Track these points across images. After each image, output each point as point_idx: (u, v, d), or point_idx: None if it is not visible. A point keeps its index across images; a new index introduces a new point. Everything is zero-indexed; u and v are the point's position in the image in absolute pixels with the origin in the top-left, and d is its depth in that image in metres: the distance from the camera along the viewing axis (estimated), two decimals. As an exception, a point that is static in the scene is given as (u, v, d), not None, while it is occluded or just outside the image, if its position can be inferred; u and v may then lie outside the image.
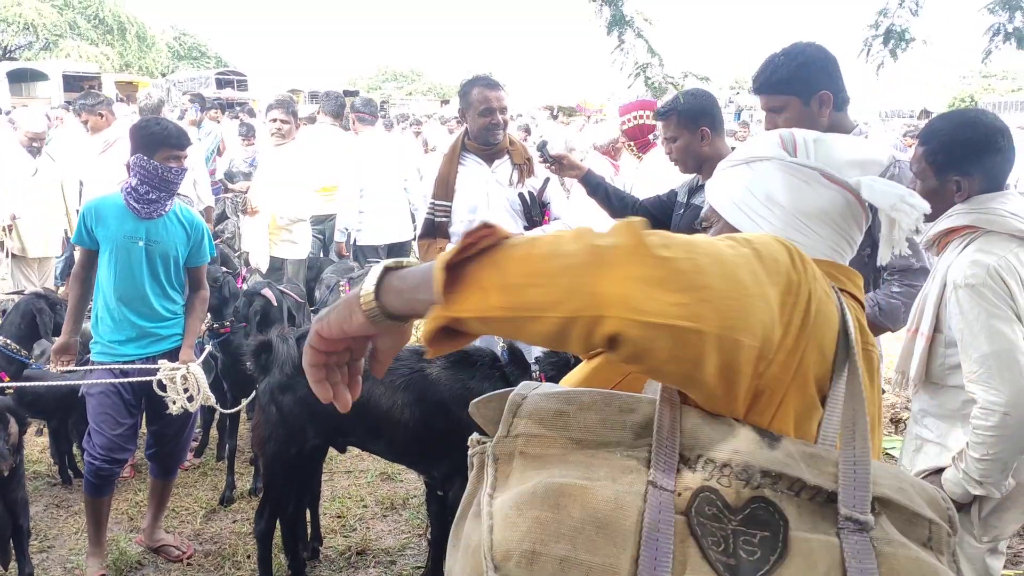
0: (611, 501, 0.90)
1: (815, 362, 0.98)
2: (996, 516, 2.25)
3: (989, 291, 2.10)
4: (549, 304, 0.83)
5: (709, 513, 0.91)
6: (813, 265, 1.00)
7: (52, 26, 32.84)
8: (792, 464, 0.93)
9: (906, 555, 0.92)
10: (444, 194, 3.91)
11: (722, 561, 0.89)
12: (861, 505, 0.92)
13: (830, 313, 1.00)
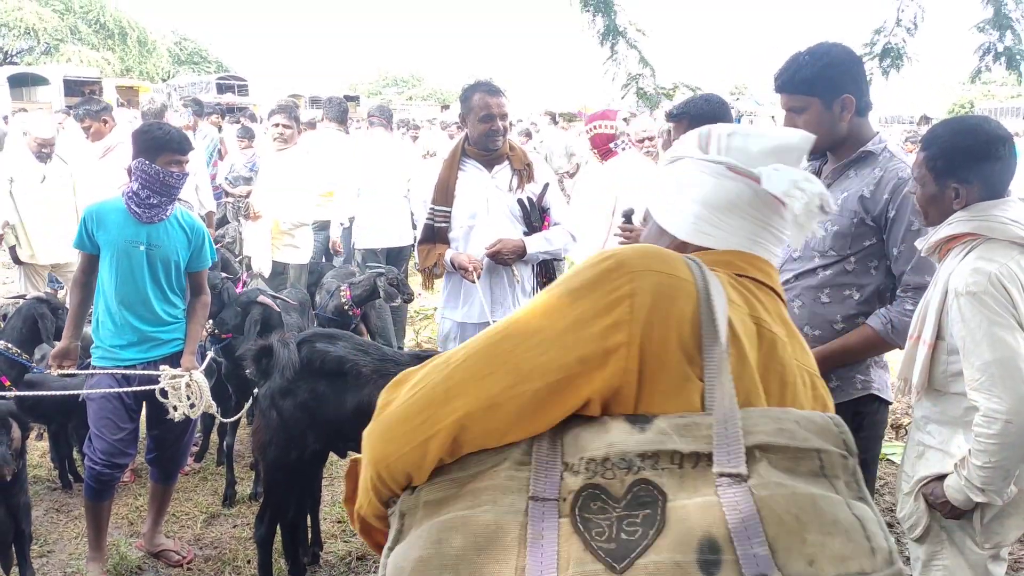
0: (491, 524, 0.99)
1: (675, 341, 1.07)
2: (998, 522, 2.25)
3: (991, 299, 2.10)
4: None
5: (595, 508, 0.99)
6: (641, 267, 1.10)
7: (53, 31, 32.90)
8: (666, 439, 1.02)
9: (782, 493, 0.97)
10: (444, 199, 3.91)
11: (604, 548, 0.96)
12: (734, 459, 1.00)
13: (676, 298, 1.09)
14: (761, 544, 0.94)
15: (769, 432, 1.03)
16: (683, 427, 1.03)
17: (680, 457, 1.01)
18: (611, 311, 1.06)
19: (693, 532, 0.95)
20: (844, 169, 2.60)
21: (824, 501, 0.98)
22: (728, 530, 0.95)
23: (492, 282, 3.85)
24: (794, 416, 1.07)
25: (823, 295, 2.59)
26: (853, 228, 2.51)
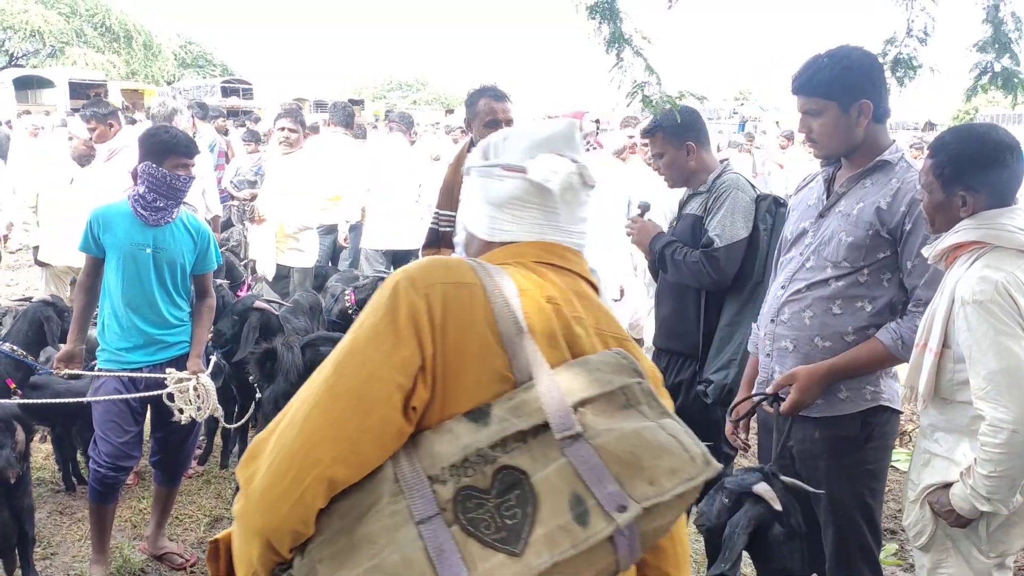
0: (400, 562, 1.07)
1: (475, 340, 1.20)
2: (1003, 531, 2.24)
3: (997, 307, 2.09)
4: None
5: (473, 506, 1.10)
6: (425, 283, 1.22)
7: (59, 33, 32.99)
8: (506, 423, 1.15)
9: (613, 436, 1.14)
10: (448, 204, 3.90)
11: (496, 537, 1.08)
12: (567, 422, 1.15)
13: (466, 303, 1.22)
14: (612, 483, 1.11)
15: (583, 387, 1.19)
16: (515, 408, 1.17)
17: (523, 434, 1.14)
18: (410, 334, 1.18)
19: (561, 495, 1.10)
20: (860, 178, 2.56)
21: (645, 431, 1.16)
22: (584, 482, 1.11)
23: None
24: (594, 364, 1.23)
25: (835, 306, 2.57)
26: (868, 240, 2.48)
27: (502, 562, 1.07)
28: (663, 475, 1.13)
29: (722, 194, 3.16)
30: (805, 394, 2.53)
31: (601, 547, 1.10)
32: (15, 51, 34.76)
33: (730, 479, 2.58)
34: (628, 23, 2.67)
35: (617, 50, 2.68)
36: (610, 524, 1.09)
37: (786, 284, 2.70)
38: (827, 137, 2.56)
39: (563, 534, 1.08)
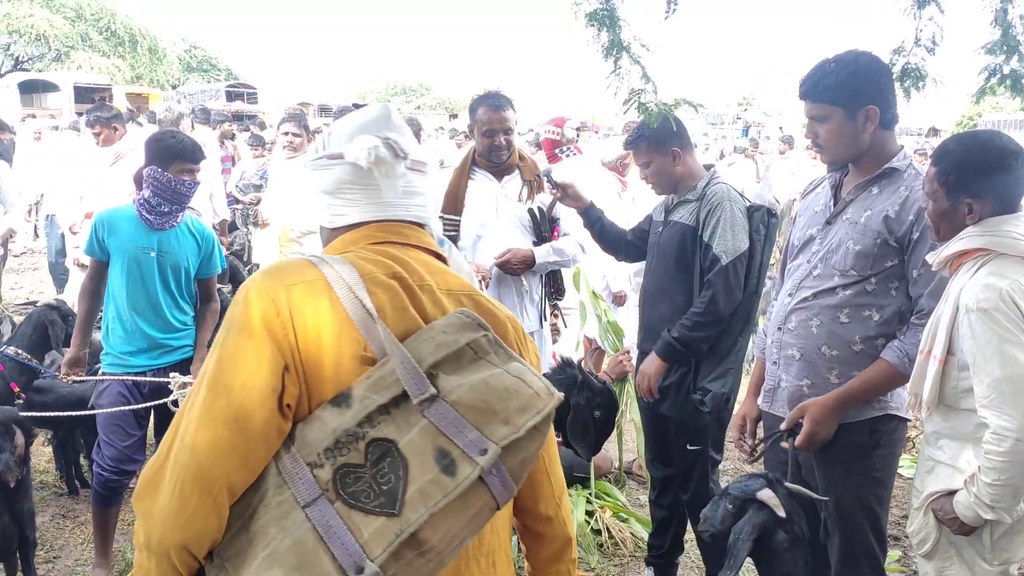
0: (293, 545, 1.19)
1: (329, 330, 1.31)
2: (1007, 539, 2.23)
3: (1001, 315, 2.09)
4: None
5: (351, 481, 1.22)
6: (270, 288, 1.32)
7: (64, 37, 33.04)
8: (367, 401, 1.26)
9: (464, 389, 1.27)
10: (453, 208, 3.92)
11: (376, 504, 1.20)
12: (423, 388, 1.27)
13: (312, 297, 1.32)
14: (471, 431, 1.24)
15: (432, 351, 1.31)
16: (374, 385, 1.28)
17: (385, 407, 1.26)
18: (267, 341, 1.28)
19: (426, 452, 1.23)
20: (868, 185, 2.56)
21: (492, 378, 1.29)
22: (446, 436, 1.24)
23: (501, 292, 3.86)
24: (439, 328, 1.35)
25: (842, 315, 2.56)
26: (876, 248, 2.47)
27: (384, 524, 1.19)
28: (515, 414, 1.27)
29: (715, 206, 3.14)
30: (819, 426, 2.52)
31: (474, 490, 1.23)
32: (20, 55, 34.85)
33: (734, 485, 2.57)
34: (627, 30, 2.67)
35: (615, 57, 2.68)
36: (475, 468, 1.22)
37: (793, 292, 2.69)
38: (833, 143, 2.56)
39: (434, 487, 1.21)
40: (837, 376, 2.59)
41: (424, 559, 1.22)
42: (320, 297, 1.32)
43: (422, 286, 1.43)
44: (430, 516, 1.20)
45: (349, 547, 1.18)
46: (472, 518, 1.26)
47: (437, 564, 1.26)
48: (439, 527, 1.22)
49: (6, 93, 24.36)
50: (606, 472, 4.77)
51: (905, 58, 3.07)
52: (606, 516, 4.27)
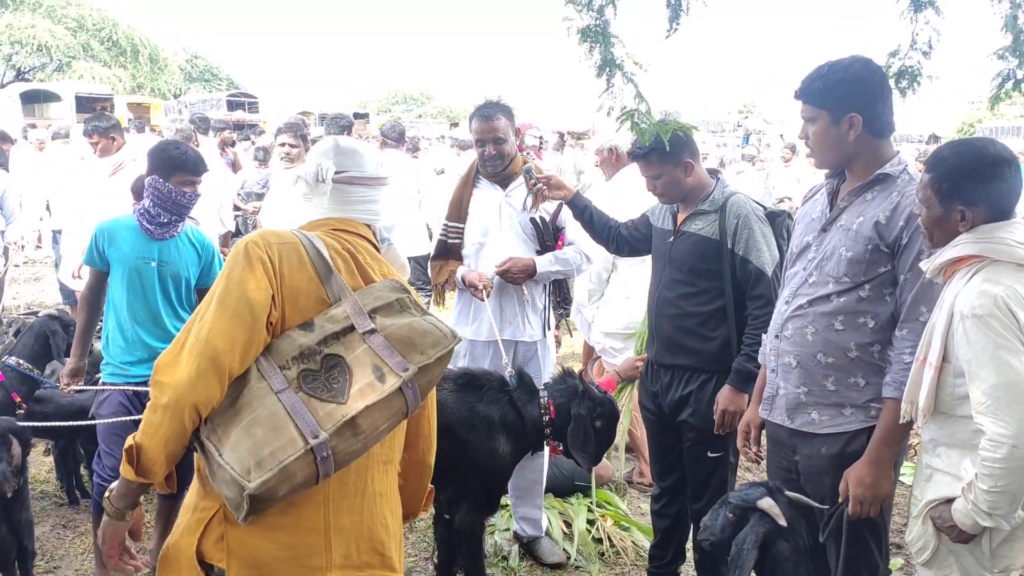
0: (270, 414, 1.74)
1: (303, 277, 1.89)
2: (1007, 546, 2.23)
3: (996, 322, 2.09)
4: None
5: (310, 380, 1.80)
6: (264, 243, 1.88)
7: (66, 48, 33.14)
8: (324, 328, 1.85)
9: (395, 327, 1.88)
10: (457, 216, 3.92)
11: (328, 395, 1.78)
12: (365, 323, 1.86)
13: (292, 253, 1.90)
14: (397, 355, 1.84)
15: (372, 301, 1.91)
16: (331, 319, 1.87)
17: (337, 334, 1.85)
18: (263, 274, 1.83)
19: (366, 366, 1.82)
20: (862, 191, 2.56)
21: (415, 323, 1.90)
22: (380, 357, 1.83)
23: (502, 300, 3.86)
24: (377, 287, 1.96)
25: (837, 322, 2.56)
26: (868, 255, 2.48)
27: (334, 409, 1.76)
28: (428, 347, 1.88)
29: (743, 219, 3.17)
30: (863, 487, 2.46)
31: (396, 396, 1.81)
32: (22, 65, 34.94)
33: (734, 494, 2.57)
34: (620, 48, 2.67)
35: (608, 75, 2.68)
36: (399, 379, 1.81)
37: (790, 299, 2.69)
38: (818, 146, 2.60)
39: (370, 388, 1.79)
40: (833, 383, 2.59)
41: (356, 439, 1.78)
42: (299, 254, 1.90)
43: (365, 261, 2.02)
44: (365, 408, 1.76)
45: (309, 421, 1.73)
46: (390, 416, 1.83)
47: (363, 446, 1.81)
48: (369, 418, 1.78)
49: (8, 103, 24.42)
50: (607, 481, 4.76)
51: (901, 61, 3.08)
52: (607, 525, 4.27)
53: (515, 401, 3.36)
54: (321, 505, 1.87)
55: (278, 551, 1.84)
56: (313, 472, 1.73)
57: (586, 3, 2.67)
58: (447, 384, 3.33)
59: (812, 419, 2.64)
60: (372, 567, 1.97)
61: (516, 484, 3.99)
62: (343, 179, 2.08)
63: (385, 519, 2.02)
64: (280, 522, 1.83)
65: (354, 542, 1.93)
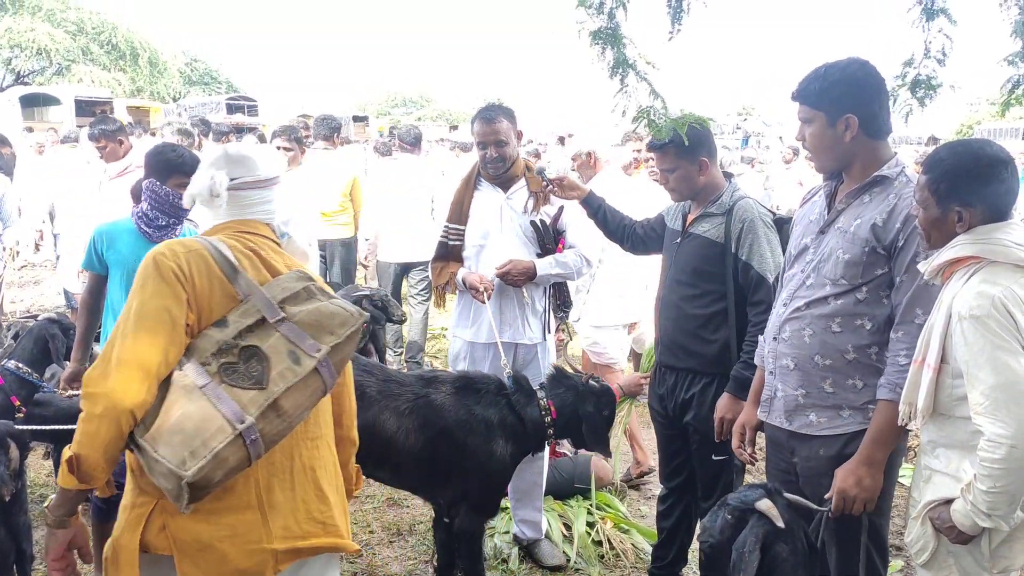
0: (196, 408, 1.88)
1: (214, 279, 2.04)
2: (1006, 547, 2.23)
3: (994, 322, 2.09)
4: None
5: (231, 371, 1.94)
6: (171, 253, 2.03)
7: (65, 51, 33.14)
8: (238, 323, 2.00)
9: (303, 313, 2.04)
10: (458, 218, 3.92)
11: (249, 383, 1.92)
12: (276, 314, 2.02)
13: (199, 258, 2.04)
14: (309, 339, 2.00)
15: (280, 292, 2.06)
16: (243, 313, 2.02)
17: (251, 327, 1.99)
18: (175, 282, 1.98)
19: (281, 352, 1.97)
20: (859, 193, 2.57)
21: (322, 307, 2.07)
22: (293, 342, 1.98)
23: (502, 303, 3.86)
24: (284, 279, 2.11)
25: (834, 324, 2.56)
26: (864, 257, 2.48)
27: (256, 395, 1.91)
28: (337, 327, 2.04)
29: (748, 224, 3.17)
30: (847, 485, 2.47)
31: (312, 375, 1.97)
32: (22, 69, 34.95)
33: (733, 496, 2.57)
34: (631, 48, 2.67)
35: (621, 75, 2.68)
36: (313, 360, 1.97)
37: (788, 301, 2.70)
38: (815, 148, 2.61)
39: (288, 371, 1.95)
40: (831, 385, 2.59)
41: (280, 420, 1.93)
42: (203, 258, 2.04)
43: (270, 257, 2.17)
44: (286, 389, 1.92)
45: (234, 409, 1.88)
46: (310, 395, 1.99)
47: (288, 426, 1.97)
48: (291, 398, 1.94)
49: (7, 107, 24.42)
50: (607, 483, 4.76)
51: (916, 70, 3.06)
52: (607, 527, 4.27)
53: (514, 404, 3.36)
54: (252, 486, 2.02)
55: (220, 531, 1.99)
56: (245, 455, 1.88)
57: (597, 6, 2.68)
58: (445, 387, 3.33)
59: (810, 421, 2.64)
60: (315, 535, 2.14)
61: (516, 487, 3.99)
62: (236, 185, 2.21)
63: (321, 490, 2.17)
64: (217, 506, 1.98)
65: (291, 515, 2.09)
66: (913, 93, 3.05)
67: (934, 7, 3.03)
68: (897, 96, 3.01)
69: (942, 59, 3.08)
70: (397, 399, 3.25)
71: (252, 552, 2.02)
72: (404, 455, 3.23)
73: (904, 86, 3.01)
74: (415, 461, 3.25)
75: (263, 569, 2.04)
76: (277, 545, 2.05)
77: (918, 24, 3.10)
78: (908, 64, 3.09)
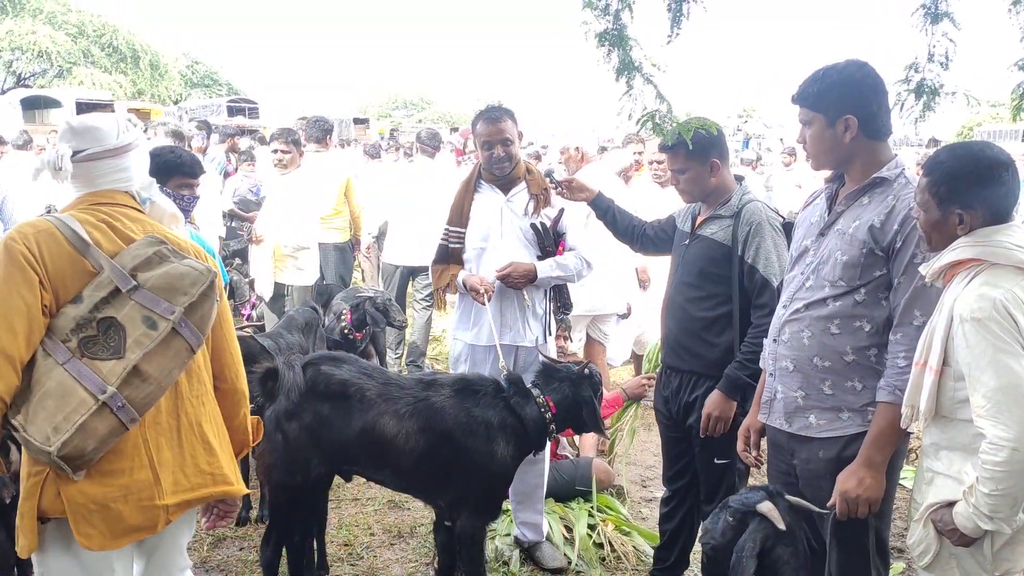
0: (57, 385, 1.99)
1: (64, 257, 2.09)
2: (1008, 549, 2.22)
3: (996, 325, 2.09)
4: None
5: (91, 344, 2.04)
6: (20, 236, 2.07)
7: (66, 54, 33.18)
8: (92, 296, 2.07)
9: (154, 278, 2.10)
10: (458, 221, 3.92)
11: (108, 354, 2.03)
12: (126, 282, 2.10)
13: (48, 237, 2.09)
14: (163, 302, 2.09)
15: (131, 260, 2.12)
16: (96, 286, 2.08)
17: (106, 299, 2.07)
18: (26, 266, 2.03)
19: (136, 319, 2.07)
20: (858, 195, 2.57)
21: (172, 269, 2.13)
22: (148, 308, 2.07)
23: (502, 305, 3.85)
24: (135, 246, 2.17)
25: (833, 326, 2.56)
26: (863, 259, 2.48)
27: (115, 364, 2.01)
28: (189, 287, 2.10)
29: (756, 227, 3.15)
30: (848, 487, 2.46)
31: (172, 337, 2.08)
32: (23, 72, 35.00)
33: (734, 498, 2.56)
34: (637, 50, 2.66)
35: (627, 78, 2.66)
36: (168, 322, 2.06)
37: (787, 303, 2.69)
38: (815, 149, 2.61)
39: (144, 337, 2.04)
40: (830, 387, 2.58)
41: (146, 384, 2.04)
42: (53, 237, 2.09)
43: (124, 226, 2.21)
44: (144, 355, 2.02)
45: (95, 381, 1.98)
46: (174, 356, 2.09)
47: (157, 387, 2.07)
48: (153, 362, 2.04)
49: (8, 110, 24.43)
50: (608, 486, 4.75)
51: (920, 74, 3.04)
52: (608, 530, 4.26)
53: (512, 404, 3.35)
54: (141, 447, 2.15)
55: (114, 492, 2.10)
56: (116, 422, 2.00)
57: (603, 8, 2.66)
58: (444, 390, 3.33)
59: (810, 423, 2.64)
60: (205, 486, 2.27)
61: (517, 489, 3.98)
62: (84, 157, 2.22)
63: (208, 443, 2.30)
64: (109, 468, 2.10)
65: (180, 470, 2.22)
66: (918, 99, 3.03)
67: (938, 10, 3.01)
68: (904, 101, 2.99)
69: (946, 64, 3.06)
70: (396, 401, 3.25)
71: (145, 508, 2.15)
72: (403, 457, 3.23)
73: (910, 92, 2.99)
74: (414, 463, 3.25)
75: (155, 523, 2.18)
76: (168, 500, 2.18)
77: (922, 27, 3.08)
78: (912, 68, 3.07)
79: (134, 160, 2.31)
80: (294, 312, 5.22)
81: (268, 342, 4.54)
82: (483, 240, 3.88)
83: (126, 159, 2.29)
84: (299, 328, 4.97)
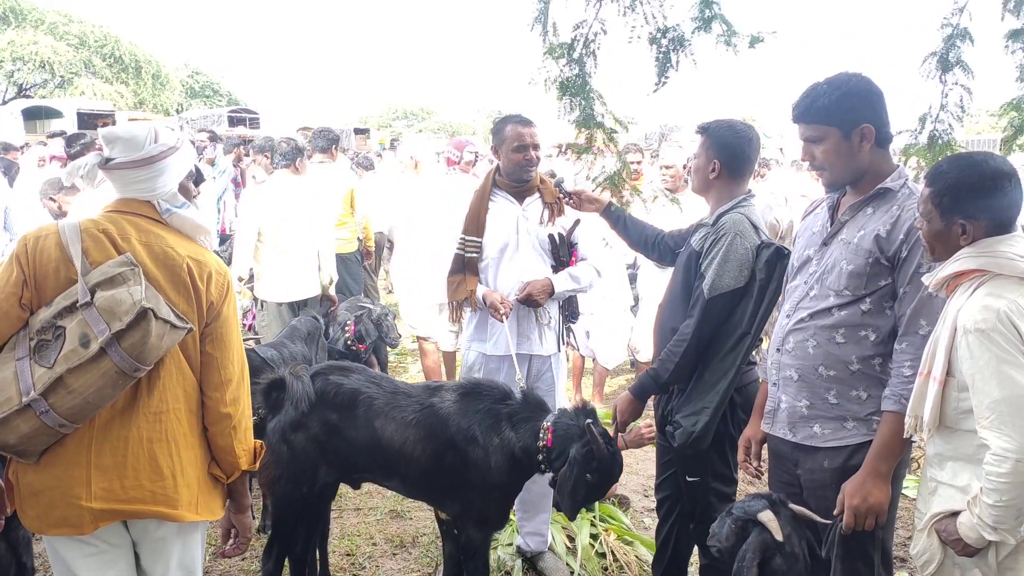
0: (2, 379, 2.13)
1: (53, 262, 2.20)
2: (1012, 559, 2.22)
3: (999, 336, 2.09)
4: None
5: (43, 348, 2.14)
6: (22, 239, 2.25)
7: (68, 64, 33.27)
8: (57, 304, 2.17)
9: (103, 300, 2.13)
10: (475, 230, 3.90)
11: (45, 362, 2.12)
12: (84, 297, 2.14)
13: (44, 242, 2.22)
14: (102, 323, 2.11)
15: (97, 277, 2.16)
16: (65, 295, 2.17)
17: (68, 308, 2.15)
18: (14, 265, 2.19)
19: (75, 335, 2.12)
20: (862, 205, 2.57)
21: (118, 294, 2.14)
22: (89, 325, 2.12)
23: (519, 316, 3.85)
24: (108, 265, 2.19)
25: (838, 335, 2.56)
26: (868, 268, 2.48)
27: (45, 372, 2.11)
28: (123, 314, 2.12)
29: (720, 237, 3.02)
30: (857, 500, 2.45)
31: (101, 358, 2.11)
32: (24, 82, 35.08)
33: (737, 505, 2.57)
34: (599, 104, 2.59)
35: (588, 134, 2.61)
36: (98, 344, 2.09)
37: (791, 313, 2.69)
38: (831, 163, 2.57)
39: (72, 353, 2.10)
40: (835, 396, 2.58)
41: (72, 396, 2.10)
42: (50, 242, 2.22)
43: (122, 236, 2.27)
44: (68, 369, 2.09)
45: (27, 383, 2.11)
46: (102, 376, 2.11)
47: (84, 401, 2.12)
48: (80, 378, 2.10)
49: (10, 120, 24.47)
50: (611, 495, 4.75)
51: (932, 124, 2.99)
52: (610, 539, 4.26)
53: (512, 419, 3.27)
54: (84, 446, 2.22)
55: (49, 481, 2.22)
56: (39, 423, 2.12)
57: (565, 54, 2.58)
58: (450, 394, 3.32)
59: (814, 432, 2.63)
60: (142, 502, 2.28)
61: (524, 498, 3.96)
62: (112, 167, 2.32)
63: (156, 462, 2.29)
64: (51, 459, 2.22)
65: (118, 480, 2.25)
66: (929, 149, 2.98)
67: (949, 58, 2.94)
68: (908, 156, 2.92)
69: (960, 115, 2.98)
70: (403, 408, 3.25)
71: (71, 505, 2.22)
72: (411, 464, 3.23)
73: (919, 147, 2.92)
74: (421, 469, 3.24)
75: (81, 523, 2.24)
76: (95, 504, 2.23)
77: (933, 76, 3.01)
78: (924, 119, 2.98)
79: (163, 170, 2.35)
80: (297, 322, 5.22)
81: (272, 352, 4.55)
82: (500, 251, 3.87)
83: (152, 169, 2.33)
84: (302, 338, 4.97)
